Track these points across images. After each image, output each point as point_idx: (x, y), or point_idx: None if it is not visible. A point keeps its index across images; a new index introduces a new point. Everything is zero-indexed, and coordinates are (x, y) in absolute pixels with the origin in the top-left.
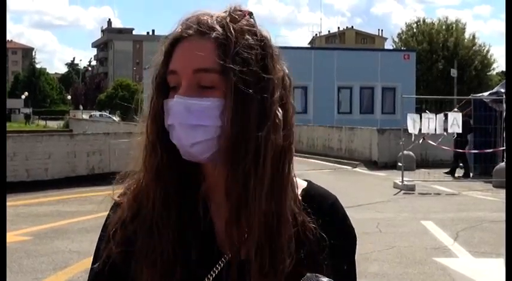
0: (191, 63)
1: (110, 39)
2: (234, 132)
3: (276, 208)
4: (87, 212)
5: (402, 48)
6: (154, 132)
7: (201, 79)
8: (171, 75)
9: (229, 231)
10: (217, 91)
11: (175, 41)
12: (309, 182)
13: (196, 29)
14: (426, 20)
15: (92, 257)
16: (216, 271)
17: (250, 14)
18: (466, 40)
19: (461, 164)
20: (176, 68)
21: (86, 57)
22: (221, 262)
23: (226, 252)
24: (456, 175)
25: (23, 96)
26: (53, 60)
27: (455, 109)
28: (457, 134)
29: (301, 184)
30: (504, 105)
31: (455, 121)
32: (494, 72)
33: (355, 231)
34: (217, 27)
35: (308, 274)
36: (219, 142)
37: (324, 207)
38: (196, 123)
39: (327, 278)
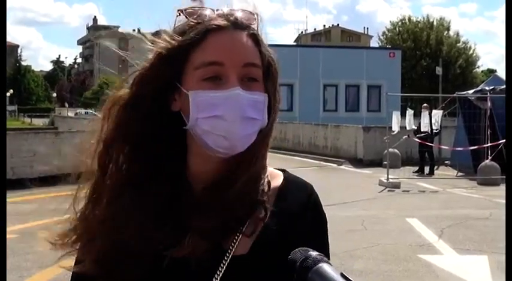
0: (241, 56)
1: (95, 36)
2: (269, 126)
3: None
4: None
5: (387, 46)
6: (155, 124)
7: (249, 73)
8: (211, 66)
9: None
10: (259, 85)
11: (207, 32)
12: (285, 171)
13: (234, 22)
14: (411, 18)
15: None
16: (222, 269)
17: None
18: (450, 38)
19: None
20: (222, 59)
21: (71, 54)
22: (226, 257)
23: (226, 247)
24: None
25: (8, 94)
26: (38, 58)
27: (425, 104)
28: (423, 131)
29: (278, 173)
30: (489, 103)
31: (436, 118)
32: (479, 70)
33: (341, 229)
34: (252, 22)
35: (298, 248)
36: (255, 135)
37: (302, 194)
38: (251, 116)
39: (315, 252)
